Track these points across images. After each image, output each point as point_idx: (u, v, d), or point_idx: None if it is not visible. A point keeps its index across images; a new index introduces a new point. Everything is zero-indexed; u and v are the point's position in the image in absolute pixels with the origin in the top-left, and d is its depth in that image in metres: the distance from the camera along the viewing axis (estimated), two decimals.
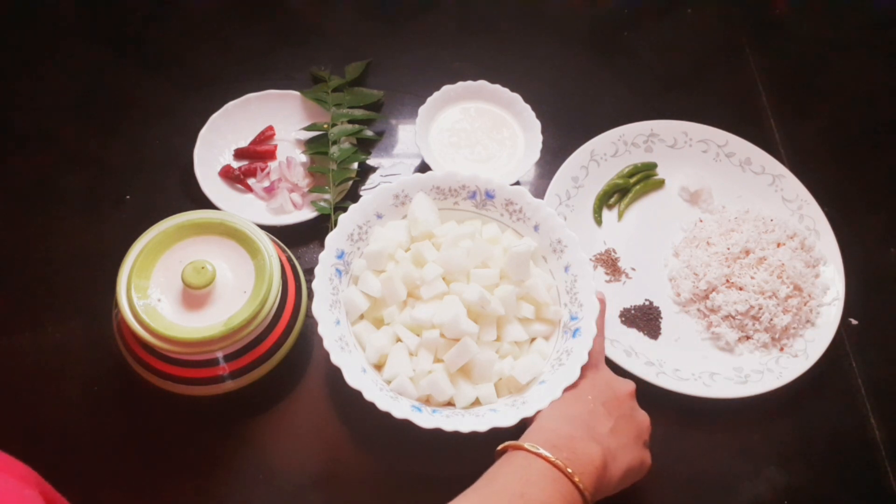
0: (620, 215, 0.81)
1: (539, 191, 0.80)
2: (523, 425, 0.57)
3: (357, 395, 0.56)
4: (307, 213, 0.76)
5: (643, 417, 0.59)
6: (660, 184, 0.83)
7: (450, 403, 0.61)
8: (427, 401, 0.61)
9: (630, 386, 0.60)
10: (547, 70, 0.92)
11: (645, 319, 0.74)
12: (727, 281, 0.74)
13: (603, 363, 0.62)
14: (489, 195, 0.68)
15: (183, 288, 0.58)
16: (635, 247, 0.79)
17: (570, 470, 0.48)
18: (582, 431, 0.52)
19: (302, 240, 0.76)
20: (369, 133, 0.83)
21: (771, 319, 0.73)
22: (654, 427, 0.70)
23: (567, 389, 0.57)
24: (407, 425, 0.56)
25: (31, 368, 0.68)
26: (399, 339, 0.63)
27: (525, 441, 0.50)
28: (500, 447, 0.52)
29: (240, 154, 0.81)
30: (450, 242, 0.65)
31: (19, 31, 0.90)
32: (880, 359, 0.75)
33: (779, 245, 0.76)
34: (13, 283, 0.73)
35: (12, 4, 0.91)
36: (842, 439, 0.71)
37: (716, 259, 0.75)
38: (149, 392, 0.63)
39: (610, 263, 0.78)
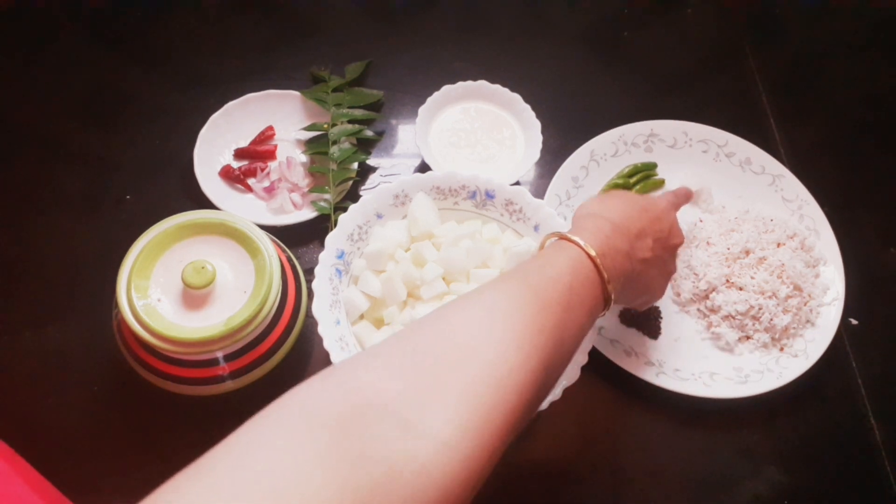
0: None
1: (539, 191, 0.80)
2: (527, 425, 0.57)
3: None
4: (307, 213, 0.76)
5: (673, 266, 0.63)
6: (660, 184, 0.83)
7: None
8: None
9: (680, 240, 0.62)
10: (547, 70, 0.92)
11: (645, 319, 0.74)
12: (727, 281, 0.74)
13: (675, 210, 0.65)
14: (489, 195, 0.68)
15: (183, 288, 0.58)
16: None
17: (607, 277, 0.51)
18: (627, 247, 0.54)
19: (302, 240, 0.76)
20: (369, 133, 0.83)
21: (771, 319, 0.72)
22: (653, 426, 0.70)
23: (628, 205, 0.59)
24: None
25: (31, 368, 0.68)
26: None
27: (580, 236, 0.52)
28: (552, 233, 0.54)
29: (240, 154, 0.81)
30: (450, 242, 0.65)
31: (20, 30, 0.90)
32: (880, 359, 0.75)
33: (779, 245, 0.76)
34: (13, 283, 0.73)
35: (12, 4, 0.91)
36: (842, 439, 0.71)
37: (716, 259, 0.75)
38: (149, 392, 0.63)
39: None
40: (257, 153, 0.80)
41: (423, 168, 0.80)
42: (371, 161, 0.83)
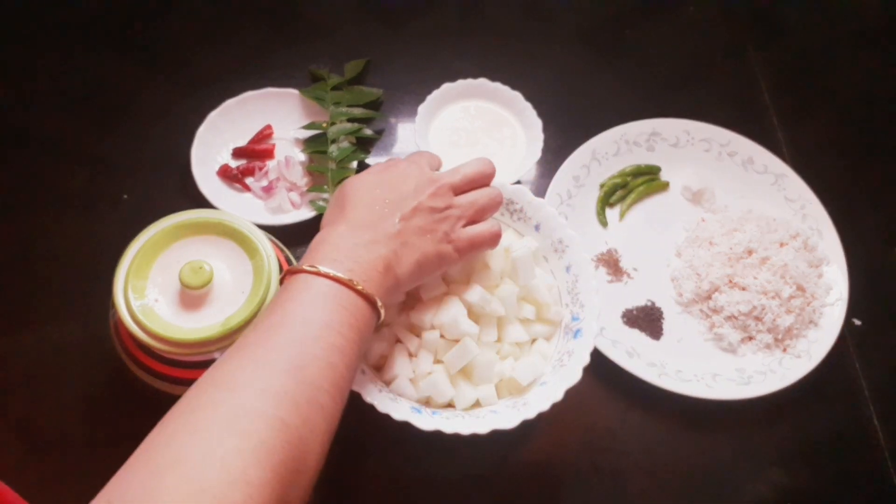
0: (622, 215, 0.80)
1: (540, 190, 0.80)
2: (524, 425, 0.56)
3: (356, 396, 0.56)
4: (306, 213, 0.76)
5: (445, 216, 0.55)
6: (664, 186, 0.82)
7: (450, 405, 0.61)
8: (427, 402, 0.61)
9: (439, 182, 0.55)
10: (548, 68, 0.92)
11: (647, 320, 0.74)
12: (730, 281, 0.74)
13: (426, 161, 0.58)
14: None
15: (180, 288, 0.58)
16: (637, 247, 0.79)
17: (352, 279, 0.47)
18: (368, 235, 0.50)
19: (300, 239, 0.75)
20: (368, 132, 0.83)
21: (774, 320, 0.72)
22: (655, 428, 0.70)
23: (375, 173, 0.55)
24: (407, 427, 0.56)
25: (28, 369, 0.68)
26: (399, 341, 0.62)
27: (305, 262, 0.48)
28: (282, 275, 0.50)
29: (238, 153, 0.80)
30: None
31: (19, 30, 0.90)
32: (884, 359, 0.75)
33: (782, 245, 0.76)
34: (9, 282, 0.73)
35: (12, 4, 0.91)
36: (845, 441, 0.71)
37: (718, 259, 0.75)
38: (146, 393, 0.62)
39: (612, 263, 0.77)
40: (255, 152, 0.80)
41: None
42: (370, 160, 0.82)
